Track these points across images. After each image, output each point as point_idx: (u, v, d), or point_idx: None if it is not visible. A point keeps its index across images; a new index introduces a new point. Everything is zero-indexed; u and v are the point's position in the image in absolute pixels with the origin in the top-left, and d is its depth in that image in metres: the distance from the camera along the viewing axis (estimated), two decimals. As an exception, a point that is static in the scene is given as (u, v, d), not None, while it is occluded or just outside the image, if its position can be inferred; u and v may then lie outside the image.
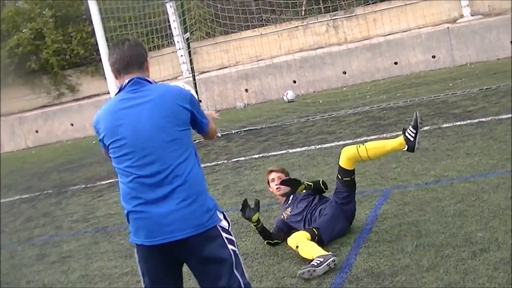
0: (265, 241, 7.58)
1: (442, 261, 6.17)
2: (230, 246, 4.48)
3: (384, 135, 12.06)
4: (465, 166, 9.05)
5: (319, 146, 12.51)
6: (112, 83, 14.16)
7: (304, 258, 6.91)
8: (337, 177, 7.46)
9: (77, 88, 25.16)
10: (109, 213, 11.12)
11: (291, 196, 7.89)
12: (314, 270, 6.47)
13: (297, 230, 7.42)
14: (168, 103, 4.42)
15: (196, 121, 4.63)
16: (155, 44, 21.40)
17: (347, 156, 7.33)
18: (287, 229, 7.66)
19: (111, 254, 8.78)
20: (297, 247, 7.00)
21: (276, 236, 7.58)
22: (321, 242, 7.09)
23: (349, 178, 7.38)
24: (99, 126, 4.58)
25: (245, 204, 7.48)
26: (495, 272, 5.68)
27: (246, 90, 21.59)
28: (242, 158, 13.03)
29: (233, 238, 4.55)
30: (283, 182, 7.67)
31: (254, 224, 7.49)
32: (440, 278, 5.84)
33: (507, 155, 9.07)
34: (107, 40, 14.80)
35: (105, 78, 14.40)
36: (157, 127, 4.37)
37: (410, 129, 7.06)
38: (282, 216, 7.83)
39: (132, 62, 4.54)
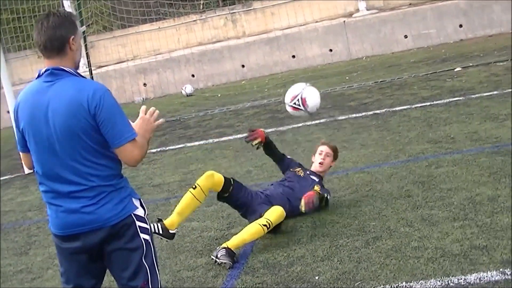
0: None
1: (337, 250, 6.28)
2: (142, 235, 4.43)
3: (281, 128, 12.18)
4: (360, 157, 9.23)
5: (217, 140, 12.53)
6: (6, 78, 13.84)
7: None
8: None
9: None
10: (3, 210, 10.87)
11: (314, 178, 7.65)
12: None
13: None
14: (71, 111, 4.19)
15: (103, 126, 4.24)
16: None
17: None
18: (284, 167, 7.87)
19: (5, 252, 8.59)
20: (193, 188, 7.11)
21: (276, 154, 7.88)
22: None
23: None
24: (17, 107, 4.40)
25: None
26: (387, 260, 5.81)
27: (145, 84, 21.44)
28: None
29: (147, 226, 4.48)
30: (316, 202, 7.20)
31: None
32: (334, 267, 5.93)
33: (400, 146, 9.29)
34: (0, 33, 14.46)
35: (-1, 72, 14.06)
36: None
37: (223, 253, 6.53)
38: (295, 166, 7.81)
39: (50, 47, 4.26)
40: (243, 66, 20.87)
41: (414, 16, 19.53)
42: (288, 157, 8.00)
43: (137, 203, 4.44)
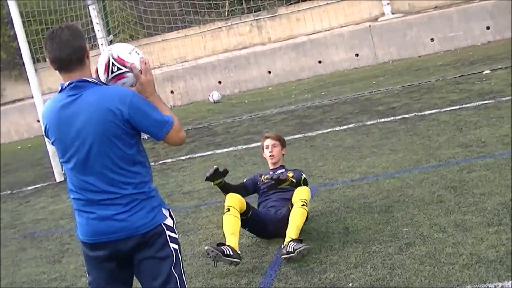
0: (223, 193, 7.53)
1: (370, 257, 6.25)
2: (172, 245, 4.45)
3: (310, 133, 12.16)
4: (389, 163, 9.18)
5: (246, 146, 12.54)
6: (36, 88, 13.93)
7: (221, 226, 7.03)
8: (289, 201, 7.31)
9: (0, 93, 24.71)
10: (36, 218, 10.95)
11: (280, 171, 7.76)
12: (220, 257, 6.50)
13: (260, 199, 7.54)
14: (102, 117, 4.22)
15: (142, 126, 4.35)
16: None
17: (294, 195, 7.14)
18: (252, 190, 7.75)
19: (39, 260, 8.65)
20: (227, 210, 7.00)
21: (236, 189, 7.52)
22: (244, 225, 7.18)
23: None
24: (45, 122, 4.42)
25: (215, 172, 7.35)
26: (421, 266, 5.78)
27: (172, 91, 21.53)
28: (169, 160, 12.98)
29: (176, 236, 4.51)
30: (274, 183, 7.42)
31: (215, 184, 7.43)
32: (368, 274, 5.91)
33: (430, 151, 9.23)
34: (29, 44, 14.55)
35: (29, 83, 14.14)
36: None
37: (293, 245, 6.59)
38: (259, 178, 7.80)
39: (71, 60, 4.28)
40: (269, 72, 20.89)
41: (440, 19, 19.45)
42: (245, 180, 7.93)
43: (166, 213, 4.47)
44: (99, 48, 21.74)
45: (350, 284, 5.80)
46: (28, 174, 15.25)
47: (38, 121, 16.26)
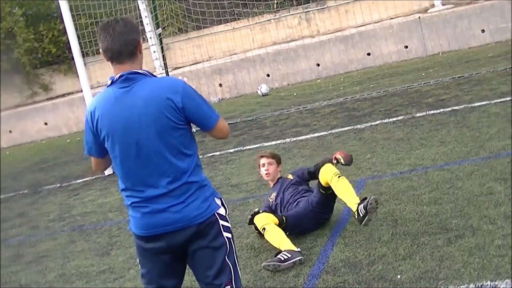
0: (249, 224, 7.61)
1: (418, 249, 6.22)
2: (225, 234, 4.48)
3: (359, 126, 12.10)
4: (439, 155, 9.11)
5: (294, 139, 12.52)
6: (85, 82, 14.08)
7: (269, 243, 6.96)
8: (318, 184, 7.43)
9: (50, 87, 24.93)
10: (85, 211, 11.09)
11: (279, 183, 7.92)
12: (279, 265, 6.52)
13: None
14: (155, 108, 4.30)
15: (194, 115, 4.43)
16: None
17: (322, 177, 7.26)
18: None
19: (87, 253, 8.76)
20: (263, 229, 7.00)
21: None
22: (284, 231, 7.12)
23: (324, 192, 7.34)
24: (95, 115, 4.45)
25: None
26: (471, 258, 5.74)
27: (220, 84, 21.56)
28: (217, 153, 13.02)
29: (229, 225, 4.54)
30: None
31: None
32: (416, 266, 5.89)
33: (480, 142, 9.14)
34: (78, 38, 14.68)
35: (78, 77, 14.29)
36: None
37: (361, 207, 6.75)
38: (269, 201, 7.88)
39: (122, 51, 4.35)
40: (318, 65, 20.81)
41: (491, 9, 19.18)
42: (261, 211, 7.76)
43: (219, 202, 4.51)
44: (147, 41, 21.97)
45: (399, 276, 5.78)
46: (77, 167, 15.41)
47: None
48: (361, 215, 6.63)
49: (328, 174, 7.11)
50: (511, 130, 9.36)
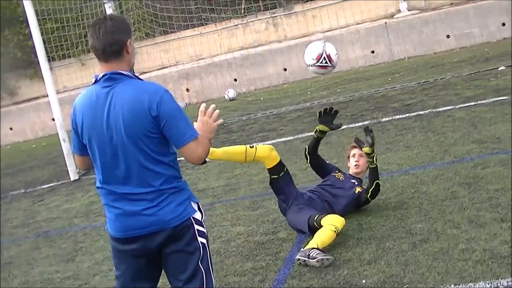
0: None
1: (383, 254, 6.25)
2: (200, 239, 4.47)
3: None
4: (404, 159, 9.17)
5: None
6: (51, 86, 13.99)
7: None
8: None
9: (15, 91, 24.75)
10: (50, 217, 10.99)
11: (357, 183, 7.68)
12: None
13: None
14: (133, 111, 4.27)
15: (166, 127, 4.33)
16: (94, 45, 21.11)
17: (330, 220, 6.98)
18: (324, 168, 7.97)
19: (52, 259, 8.69)
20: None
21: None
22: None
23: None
24: (76, 113, 4.46)
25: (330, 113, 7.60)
26: (435, 262, 5.78)
27: (187, 89, 21.53)
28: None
29: (204, 230, 4.52)
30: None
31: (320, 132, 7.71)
32: (381, 270, 5.91)
33: (445, 147, 9.22)
34: (44, 42, 14.61)
35: (44, 81, 14.19)
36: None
37: (313, 252, 6.45)
38: (335, 171, 7.90)
39: (109, 51, 4.33)
40: (285, 69, 20.86)
41: (456, 15, 19.36)
42: (327, 161, 7.98)
43: (195, 206, 4.50)
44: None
45: (364, 281, 5.81)
46: (43, 172, 15.31)
47: (53, 119, 16.26)
48: (305, 256, 6.49)
49: (329, 220, 6.86)
50: (475, 135, 9.45)
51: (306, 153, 7.82)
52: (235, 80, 21.25)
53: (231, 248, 7.34)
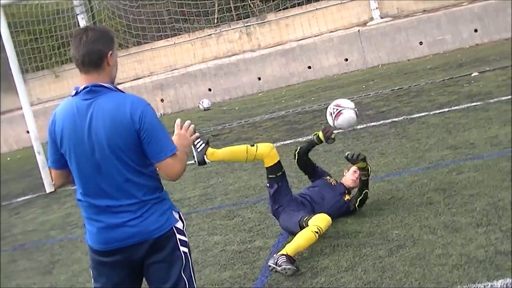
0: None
1: (360, 260, 6.27)
2: (182, 248, 4.45)
3: (300, 139, 12.15)
4: (379, 166, 9.20)
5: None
6: (25, 99, 13.91)
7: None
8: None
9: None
10: (26, 230, 10.93)
11: (346, 191, 7.73)
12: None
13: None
14: (114, 124, 4.24)
15: (145, 140, 4.28)
16: (67, 57, 21.10)
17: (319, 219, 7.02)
18: (315, 172, 7.99)
19: (29, 272, 8.64)
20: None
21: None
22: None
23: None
24: (55, 125, 4.41)
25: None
26: (412, 268, 5.80)
27: (162, 100, 21.51)
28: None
29: (186, 239, 4.51)
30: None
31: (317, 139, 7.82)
32: (359, 277, 5.93)
33: (420, 153, 9.26)
34: (17, 54, 14.53)
35: (18, 94, 14.12)
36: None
37: (282, 259, 6.45)
38: (327, 176, 7.97)
39: (88, 62, 4.28)
40: (259, 78, 20.90)
41: (428, 22, 19.49)
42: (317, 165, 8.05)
43: (176, 216, 4.49)
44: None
45: (341, 288, 5.82)
46: (18, 185, 15.21)
47: (27, 132, 16.16)
48: (276, 262, 6.49)
49: (315, 221, 6.87)
50: (449, 141, 9.51)
51: (296, 152, 7.86)
52: (210, 89, 21.25)
53: (208, 258, 7.33)
